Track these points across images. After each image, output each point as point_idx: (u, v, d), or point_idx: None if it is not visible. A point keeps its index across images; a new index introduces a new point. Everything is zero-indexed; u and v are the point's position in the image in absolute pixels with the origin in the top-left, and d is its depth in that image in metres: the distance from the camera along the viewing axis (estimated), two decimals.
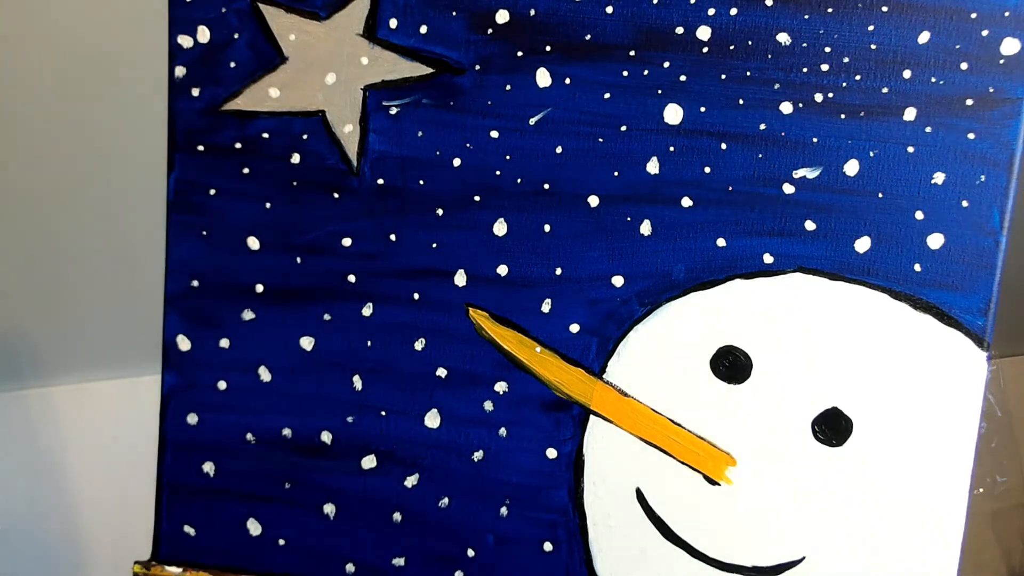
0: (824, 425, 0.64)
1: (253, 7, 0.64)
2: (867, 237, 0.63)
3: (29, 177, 1.13)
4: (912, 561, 0.64)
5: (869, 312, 0.63)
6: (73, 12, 1.07)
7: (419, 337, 0.66)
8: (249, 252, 0.66)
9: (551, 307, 0.65)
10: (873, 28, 0.61)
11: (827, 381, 0.64)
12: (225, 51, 0.64)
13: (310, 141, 0.65)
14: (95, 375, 1.23)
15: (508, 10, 0.63)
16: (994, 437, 1.40)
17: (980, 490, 1.40)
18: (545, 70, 0.63)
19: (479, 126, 0.64)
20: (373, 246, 0.66)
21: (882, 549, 0.65)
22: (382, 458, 0.67)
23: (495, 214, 0.65)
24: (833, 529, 0.65)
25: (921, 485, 0.64)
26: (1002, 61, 0.60)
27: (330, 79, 0.64)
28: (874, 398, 0.63)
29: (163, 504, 0.69)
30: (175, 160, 0.66)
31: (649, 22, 0.62)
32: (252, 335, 0.67)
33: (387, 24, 0.63)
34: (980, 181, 0.61)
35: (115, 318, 1.21)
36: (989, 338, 0.62)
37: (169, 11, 0.64)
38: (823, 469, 0.64)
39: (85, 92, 1.10)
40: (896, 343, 0.63)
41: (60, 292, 1.19)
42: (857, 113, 0.62)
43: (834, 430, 0.64)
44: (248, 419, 0.68)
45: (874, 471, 0.64)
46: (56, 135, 1.12)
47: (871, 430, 0.64)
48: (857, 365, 0.63)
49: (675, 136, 0.63)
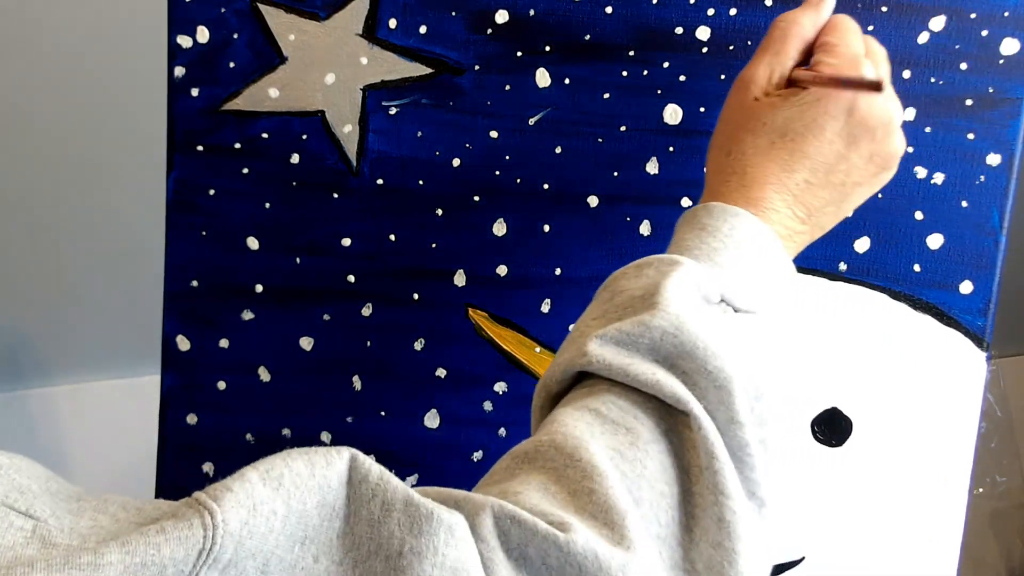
0: (824, 425, 0.64)
1: (253, 7, 0.64)
2: (867, 237, 0.63)
3: (29, 178, 1.13)
4: (912, 561, 0.64)
5: (869, 312, 0.63)
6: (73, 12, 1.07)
7: (419, 337, 0.66)
8: (249, 252, 0.66)
9: (551, 307, 0.65)
10: (873, 28, 0.60)
11: (827, 381, 0.64)
12: (225, 51, 0.64)
13: (310, 141, 0.65)
14: (95, 375, 1.23)
15: (508, 10, 0.63)
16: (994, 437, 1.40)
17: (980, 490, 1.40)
18: (545, 70, 0.63)
19: (479, 126, 0.64)
20: (373, 246, 0.66)
21: (882, 549, 0.65)
22: (382, 458, 0.67)
23: (495, 214, 0.65)
24: (833, 529, 0.65)
25: (921, 485, 0.64)
26: (1002, 61, 0.60)
27: (330, 79, 0.64)
28: (874, 398, 0.63)
29: None
30: (175, 160, 0.66)
31: (649, 22, 0.62)
32: (252, 335, 0.67)
33: (387, 24, 0.63)
34: (980, 181, 0.61)
35: (115, 318, 1.21)
36: (989, 338, 0.62)
37: (169, 11, 0.64)
38: (823, 469, 0.64)
39: (85, 92, 1.10)
40: (895, 343, 0.63)
41: (60, 292, 1.19)
42: None
43: (834, 430, 0.64)
44: (248, 419, 0.68)
45: (874, 471, 0.64)
46: (56, 135, 1.12)
47: (871, 430, 0.64)
48: (857, 365, 0.63)
49: (675, 136, 0.63)
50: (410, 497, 0.36)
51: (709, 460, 0.40)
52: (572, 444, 0.39)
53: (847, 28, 0.52)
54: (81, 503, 0.33)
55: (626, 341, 0.42)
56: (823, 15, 0.53)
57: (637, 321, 0.42)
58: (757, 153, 0.49)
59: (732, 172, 0.50)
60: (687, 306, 0.43)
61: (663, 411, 0.42)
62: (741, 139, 0.50)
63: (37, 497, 0.32)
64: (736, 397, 0.41)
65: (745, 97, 0.51)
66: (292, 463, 0.36)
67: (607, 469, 0.39)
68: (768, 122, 0.49)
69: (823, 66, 0.50)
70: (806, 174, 0.49)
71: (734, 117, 0.52)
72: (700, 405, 0.41)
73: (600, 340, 0.43)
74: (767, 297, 0.47)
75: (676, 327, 0.42)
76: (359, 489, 0.37)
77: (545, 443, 0.40)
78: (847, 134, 0.49)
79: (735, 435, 0.41)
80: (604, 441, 0.40)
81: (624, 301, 0.45)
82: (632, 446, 0.40)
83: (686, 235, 0.48)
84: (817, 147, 0.49)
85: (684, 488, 0.40)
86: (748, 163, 0.49)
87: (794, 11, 0.53)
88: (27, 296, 1.18)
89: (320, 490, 0.36)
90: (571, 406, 0.42)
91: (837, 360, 0.63)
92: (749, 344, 0.44)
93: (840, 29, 0.51)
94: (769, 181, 0.49)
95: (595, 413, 0.42)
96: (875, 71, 0.50)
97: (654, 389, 0.41)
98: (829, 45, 0.51)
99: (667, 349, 0.42)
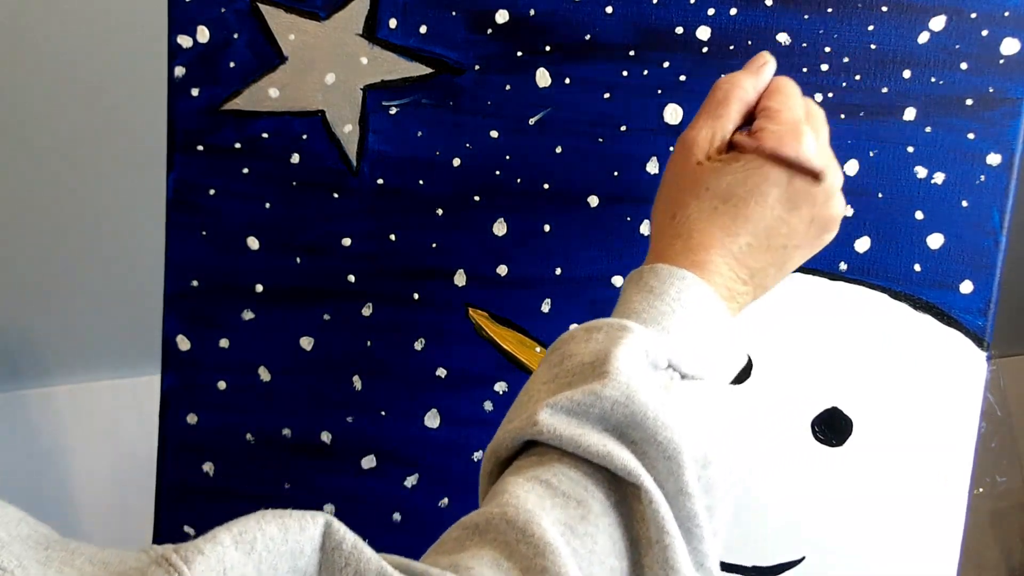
0: (824, 425, 0.64)
1: (253, 7, 0.64)
2: (867, 237, 0.63)
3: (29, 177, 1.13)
4: (912, 561, 0.64)
5: (869, 312, 0.63)
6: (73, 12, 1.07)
7: (419, 337, 0.66)
8: (249, 252, 0.66)
9: (551, 307, 0.65)
10: (873, 28, 0.61)
11: (827, 381, 0.64)
12: (225, 51, 0.64)
13: (310, 141, 0.65)
14: (95, 375, 1.23)
15: (508, 10, 0.63)
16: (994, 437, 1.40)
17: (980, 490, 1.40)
18: (545, 70, 0.63)
19: (479, 126, 0.64)
20: (373, 246, 0.66)
21: (882, 549, 0.65)
22: (382, 458, 0.67)
23: (495, 214, 0.65)
24: (833, 529, 0.64)
25: (921, 485, 0.64)
26: (1002, 61, 0.60)
27: (330, 79, 0.64)
28: (874, 398, 0.63)
29: (163, 504, 0.69)
30: (175, 160, 0.66)
31: (649, 22, 0.62)
32: (252, 335, 0.67)
33: (387, 24, 0.63)
34: (980, 181, 0.61)
35: (115, 318, 1.21)
36: (989, 338, 0.62)
37: (169, 11, 0.64)
38: (823, 469, 0.64)
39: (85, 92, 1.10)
40: (896, 343, 0.63)
41: (60, 292, 1.19)
42: (857, 113, 0.62)
43: (834, 430, 0.64)
44: (248, 419, 0.68)
45: (874, 471, 0.64)
46: (56, 135, 1.12)
47: (871, 430, 0.64)
48: (857, 365, 0.63)
49: (675, 136, 0.63)
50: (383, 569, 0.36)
51: (660, 534, 0.41)
52: (524, 519, 0.40)
53: (788, 92, 0.53)
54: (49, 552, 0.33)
55: (577, 411, 0.43)
56: (764, 78, 0.54)
57: (588, 390, 0.43)
58: (701, 218, 0.51)
59: (677, 235, 0.51)
60: (636, 375, 0.44)
61: (613, 482, 0.42)
62: (686, 203, 0.51)
63: (5, 546, 0.32)
64: (685, 468, 0.42)
65: (688, 160, 0.52)
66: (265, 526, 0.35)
67: (559, 546, 0.39)
68: (711, 187, 0.51)
69: (764, 133, 0.51)
70: (748, 238, 0.50)
71: (677, 180, 0.53)
72: (650, 477, 0.42)
73: (551, 409, 0.43)
74: (713, 362, 0.49)
75: (626, 397, 0.43)
76: (332, 556, 0.36)
77: (496, 515, 0.40)
78: (787, 200, 0.50)
79: (683, 506, 0.42)
80: (555, 515, 0.41)
81: (574, 367, 0.45)
82: (583, 520, 0.41)
83: (633, 297, 0.49)
84: (759, 212, 0.50)
85: (634, 560, 0.41)
86: (693, 227, 0.51)
87: (735, 74, 0.54)
88: (26, 296, 1.18)
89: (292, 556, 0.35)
90: (522, 476, 0.43)
91: (837, 360, 0.63)
92: (696, 411, 0.45)
93: (781, 93, 0.53)
94: (713, 245, 0.50)
95: (546, 484, 0.42)
96: (815, 144, 0.51)
97: (605, 461, 0.42)
98: (770, 111, 0.52)
99: (617, 419, 0.43)
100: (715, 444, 0.44)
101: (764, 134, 0.50)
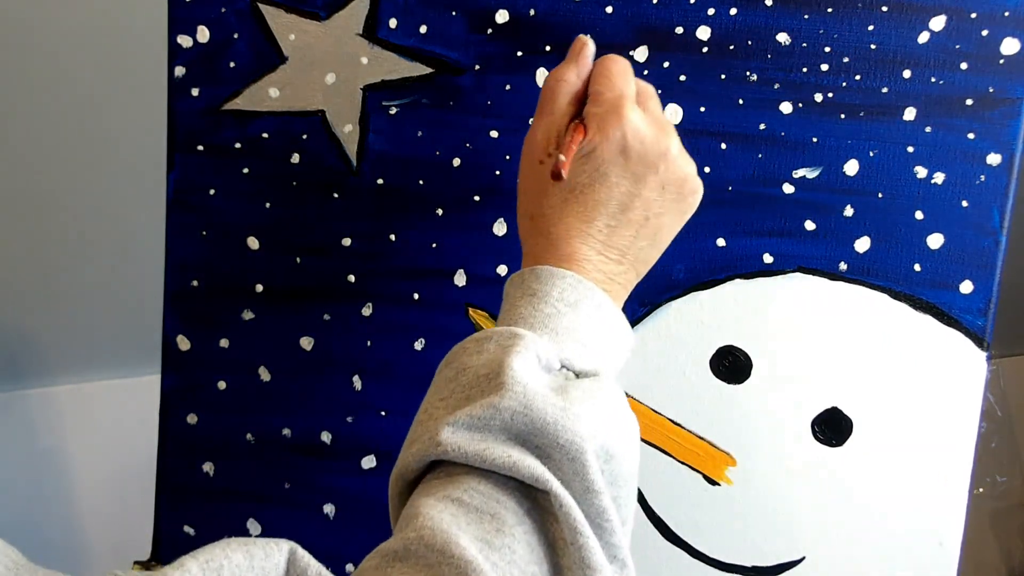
0: (824, 425, 0.64)
1: (253, 7, 0.64)
2: (867, 237, 0.63)
3: (29, 177, 1.13)
4: (912, 561, 0.64)
5: (869, 312, 0.63)
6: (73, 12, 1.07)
7: (419, 337, 0.66)
8: (249, 252, 0.66)
9: None
10: (873, 28, 0.61)
11: (827, 381, 0.64)
12: (225, 51, 0.64)
13: (310, 141, 0.65)
14: (95, 375, 1.23)
15: (508, 10, 0.63)
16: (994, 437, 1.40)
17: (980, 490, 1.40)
18: (545, 70, 0.63)
19: (479, 126, 0.64)
20: (373, 246, 0.66)
21: (882, 549, 0.65)
22: (382, 458, 0.67)
23: (495, 214, 0.65)
24: (833, 529, 0.65)
25: (921, 485, 0.64)
26: (1002, 61, 0.60)
27: (330, 79, 0.64)
28: (874, 398, 0.63)
29: (163, 504, 0.69)
30: (175, 160, 0.66)
31: (649, 22, 0.62)
32: (252, 335, 0.67)
33: (387, 24, 0.63)
34: (980, 181, 0.61)
35: (115, 318, 1.21)
36: (989, 338, 0.62)
37: (169, 11, 0.64)
38: (823, 469, 0.64)
39: (85, 92, 1.10)
40: (896, 343, 0.63)
41: (60, 292, 1.19)
42: (857, 113, 0.62)
43: (834, 430, 0.64)
44: (248, 419, 0.68)
45: (874, 471, 0.64)
46: (56, 135, 1.12)
47: (871, 430, 0.64)
48: (857, 365, 0.63)
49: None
50: None
51: (573, 535, 0.41)
52: (442, 540, 0.40)
53: (609, 72, 0.54)
54: None
55: (478, 425, 0.43)
56: (585, 64, 0.55)
57: (486, 404, 0.43)
58: (555, 213, 0.52)
59: (539, 235, 0.53)
60: (532, 381, 0.44)
61: (523, 490, 0.43)
62: (538, 202, 0.53)
63: None
64: (589, 467, 0.43)
65: (531, 162, 0.54)
66: (232, 554, 0.36)
67: (480, 562, 0.39)
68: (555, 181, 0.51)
69: (590, 116, 0.52)
70: (605, 219, 0.52)
71: (526, 183, 0.55)
72: (558, 480, 0.42)
73: (452, 427, 0.44)
74: (604, 354, 0.50)
75: (524, 405, 0.43)
76: None
77: (414, 540, 0.40)
78: (630, 174, 0.52)
79: (592, 503, 0.43)
80: (472, 532, 0.41)
81: (470, 380, 0.46)
82: (499, 532, 0.41)
83: (518, 302, 0.50)
84: (606, 192, 0.52)
85: (553, 563, 0.42)
86: (550, 223, 0.52)
87: (558, 67, 0.55)
88: (27, 296, 1.18)
89: None
90: (432, 496, 0.43)
91: (837, 360, 0.63)
92: (593, 407, 0.45)
93: (603, 75, 0.54)
94: (573, 235, 0.52)
95: (458, 503, 0.42)
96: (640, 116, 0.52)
97: (512, 471, 0.42)
98: (594, 94, 0.53)
99: (519, 428, 0.43)
100: (615, 437, 0.45)
101: (588, 118, 0.52)
